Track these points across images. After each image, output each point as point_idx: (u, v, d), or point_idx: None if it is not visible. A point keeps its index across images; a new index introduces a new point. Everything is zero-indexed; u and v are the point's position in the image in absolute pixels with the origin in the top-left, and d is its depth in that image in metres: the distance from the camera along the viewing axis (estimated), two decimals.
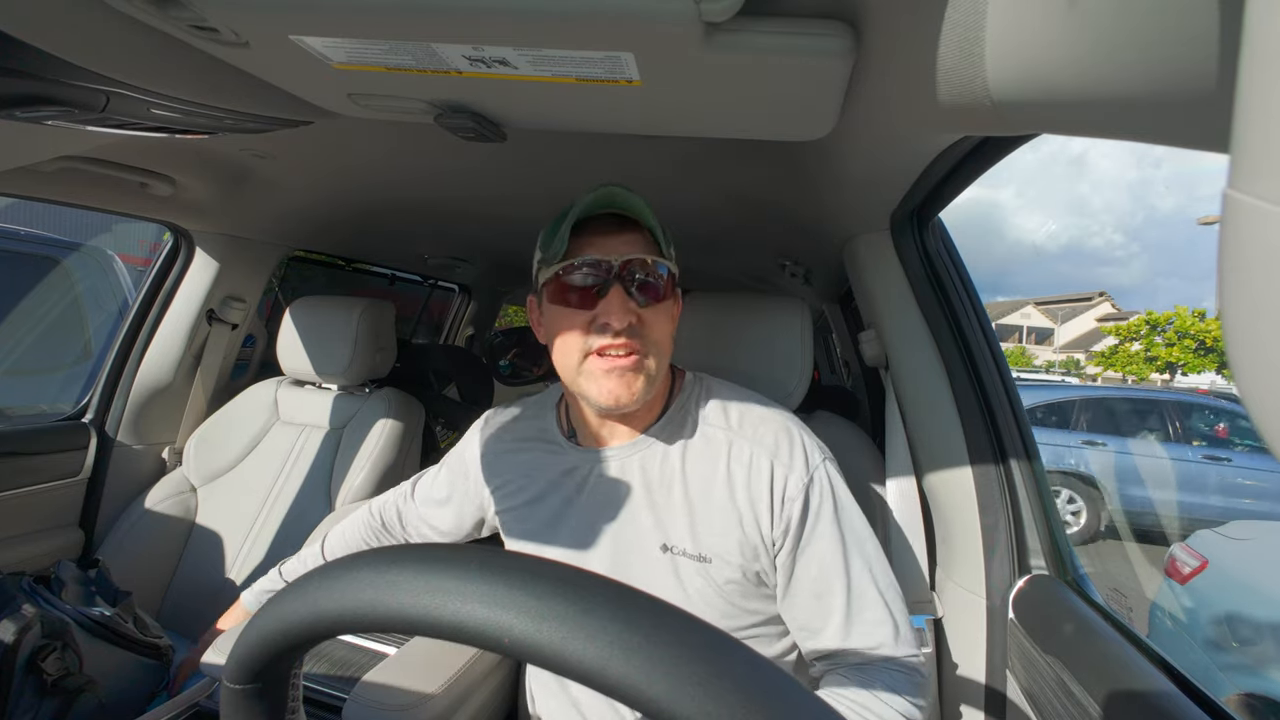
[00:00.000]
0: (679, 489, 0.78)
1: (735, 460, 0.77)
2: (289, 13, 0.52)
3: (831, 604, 0.74)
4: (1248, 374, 0.18)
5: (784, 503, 0.74)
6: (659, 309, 0.75)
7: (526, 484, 0.87)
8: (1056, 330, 40.58)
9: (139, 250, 3.78)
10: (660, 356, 0.76)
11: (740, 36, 0.52)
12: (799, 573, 0.75)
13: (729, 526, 0.75)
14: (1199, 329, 23.73)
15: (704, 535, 0.76)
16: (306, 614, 0.31)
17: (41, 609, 0.81)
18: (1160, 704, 0.60)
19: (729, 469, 0.77)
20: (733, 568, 0.75)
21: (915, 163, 0.80)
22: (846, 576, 0.74)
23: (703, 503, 0.77)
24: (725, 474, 0.77)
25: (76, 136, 0.86)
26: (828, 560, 0.74)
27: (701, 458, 0.78)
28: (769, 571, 0.77)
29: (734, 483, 0.76)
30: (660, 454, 0.80)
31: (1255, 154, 0.18)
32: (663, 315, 0.75)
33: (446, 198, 1.49)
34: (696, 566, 0.75)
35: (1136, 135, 0.38)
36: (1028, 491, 0.94)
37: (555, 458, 0.86)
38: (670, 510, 0.78)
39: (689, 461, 0.79)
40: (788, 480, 0.75)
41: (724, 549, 0.75)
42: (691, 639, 0.26)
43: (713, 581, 0.75)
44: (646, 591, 0.28)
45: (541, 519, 0.85)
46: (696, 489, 0.77)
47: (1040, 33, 0.38)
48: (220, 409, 1.68)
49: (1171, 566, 2.46)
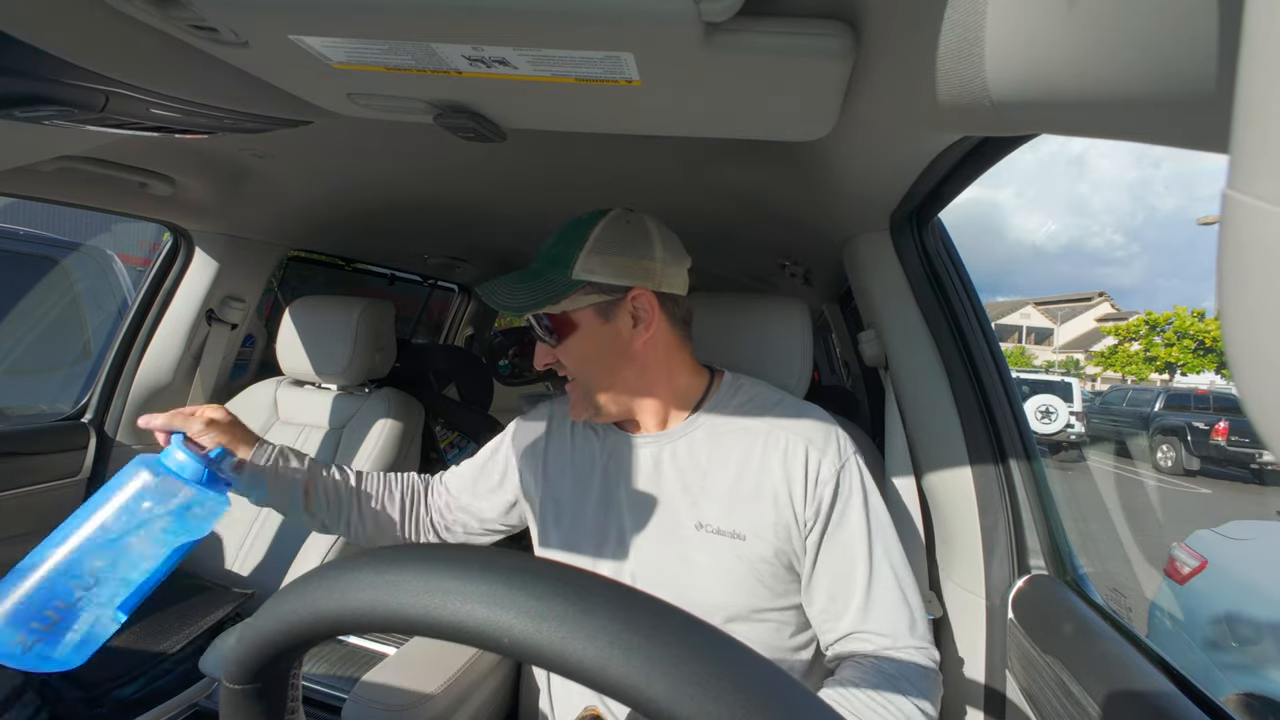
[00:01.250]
0: (716, 473, 0.83)
1: (772, 446, 0.82)
2: (288, 12, 0.52)
3: (853, 588, 0.77)
4: (1247, 374, 0.18)
5: (817, 484, 0.79)
6: (567, 345, 0.83)
7: (565, 467, 0.92)
8: (1056, 330, 40.60)
9: (138, 250, 3.77)
10: (590, 377, 0.84)
11: (740, 37, 0.52)
12: (824, 554, 0.79)
13: (764, 506, 0.80)
14: (1198, 329, 23.75)
15: (739, 514, 0.80)
16: (306, 614, 0.31)
17: None
18: (1160, 704, 0.60)
19: (764, 453, 0.82)
20: (766, 545, 0.79)
21: (915, 163, 0.80)
22: (869, 562, 0.78)
23: (739, 485, 0.81)
24: (761, 458, 0.81)
25: (76, 136, 0.86)
26: (854, 545, 0.78)
27: (738, 445, 0.83)
28: (799, 555, 0.80)
29: (770, 466, 0.81)
30: (697, 441, 0.85)
31: (1255, 154, 0.18)
32: (569, 350, 0.83)
33: (446, 198, 1.49)
34: (730, 543, 0.80)
35: (1136, 135, 0.38)
36: (1027, 491, 0.94)
37: (593, 443, 0.91)
38: (705, 492, 0.82)
39: (726, 448, 0.83)
40: (821, 464, 0.80)
41: (759, 527, 0.79)
42: (691, 639, 0.26)
43: (745, 559, 0.79)
44: (646, 592, 0.28)
45: (575, 501, 0.90)
46: (733, 472, 0.82)
47: (1040, 33, 0.38)
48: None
49: (1171, 567, 2.46)
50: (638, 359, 0.83)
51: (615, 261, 0.80)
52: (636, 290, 0.81)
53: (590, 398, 0.84)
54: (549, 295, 0.79)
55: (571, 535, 0.88)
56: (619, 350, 0.82)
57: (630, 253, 0.81)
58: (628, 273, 0.80)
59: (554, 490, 0.92)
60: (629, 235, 0.82)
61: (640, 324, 0.82)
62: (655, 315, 0.82)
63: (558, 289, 0.79)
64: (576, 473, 0.91)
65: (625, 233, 0.82)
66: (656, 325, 0.83)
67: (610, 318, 0.82)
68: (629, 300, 0.81)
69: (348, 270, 2.39)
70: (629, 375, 0.84)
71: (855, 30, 0.53)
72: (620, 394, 0.84)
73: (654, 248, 0.82)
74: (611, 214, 0.83)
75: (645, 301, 0.82)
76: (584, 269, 0.79)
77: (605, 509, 0.87)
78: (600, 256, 0.80)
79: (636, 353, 0.83)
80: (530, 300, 0.80)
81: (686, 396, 0.88)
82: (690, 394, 0.88)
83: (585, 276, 0.79)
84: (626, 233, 0.82)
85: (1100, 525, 4.84)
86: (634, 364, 0.83)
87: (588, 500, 0.89)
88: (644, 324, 0.82)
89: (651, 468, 0.86)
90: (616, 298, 0.81)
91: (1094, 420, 12.05)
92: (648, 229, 0.84)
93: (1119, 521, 5.16)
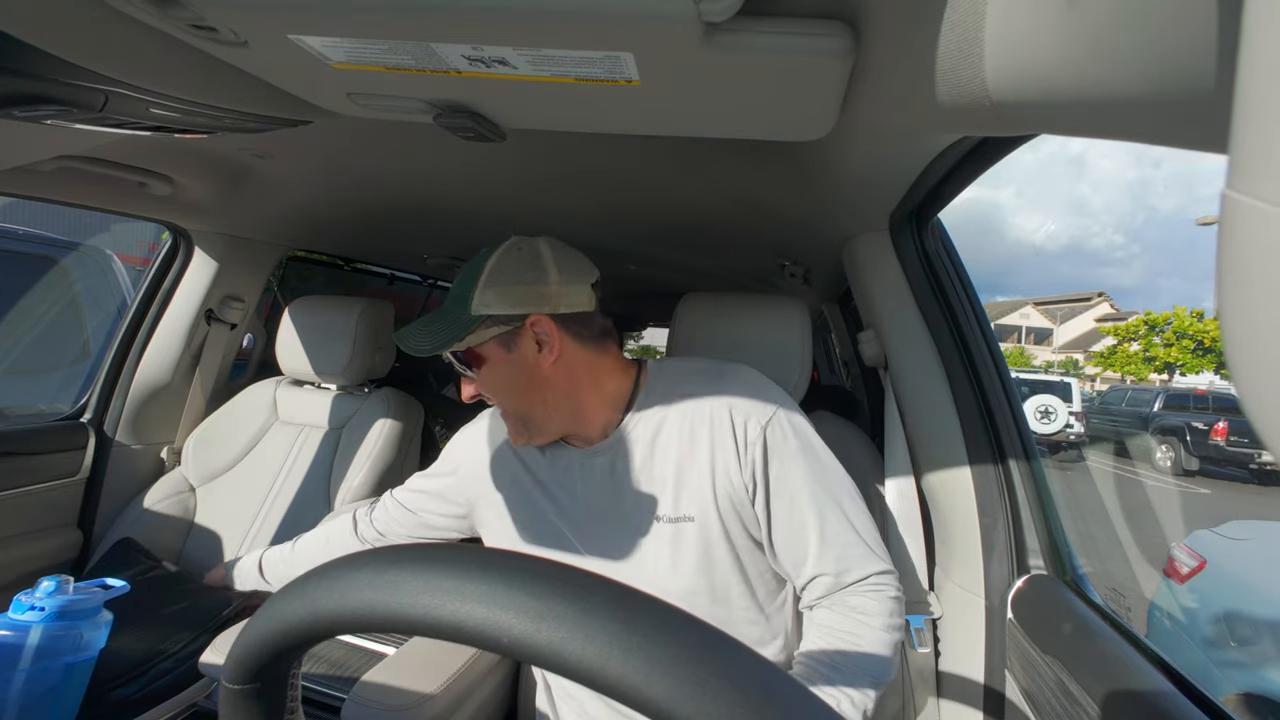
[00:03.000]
0: (660, 463, 0.85)
1: (700, 421, 0.84)
2: (288, 12, 0.52)
3: (806, 535, 0.81)
4: (1246, 374, 0.18)
5: (747, 447, 0.82)
6: (481, 377, 0.86)
7: (516, 481, 0.93)
8: (1055, 330, 40.62)
9: (137, 250, 3.77)
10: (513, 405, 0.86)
11: (740, 36, 0.52)
12: (775, 514, 0.82)
13: (704, 483, 0.82)
14: (1197, 329, 23.76)
15: (684, 497, 0.83)
16: (305, 614, 0.31)
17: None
18: (1159, 704, 0.60)
19: (694, 430, 0.84)
20: (714, 520, 0.82)
21: (914, 163, 0.80)
22: (817, 508, 0.81)
23: (681, 469, 0.84)
24: (692, 435, 0.84)
25: (75, 136, 0.85)
26: (798, 496, 0.81)
27: (675, 429, 0.85)
28: (755, 520, 0.82)
29: (700, 441, 0.83)
30: (638, 438, 0.86)
31: (1254, 154, 0.18)
32: (484, 382, 0.86)
33: (446, 198, 1.49)
34: (681, 528, 0.82)
35: (1135, 136, 0.38)
36: (1026, 491, 0.94)
37: (542, 460, 0.93)
38: (655, 485, 0.85)
39: (665, 436, 0.85)
40: (748, 425, 0.82)
41: (704, 505, 0.82)
42: (691, 639, 0.26)
43: (700, 539, 0.82)
44: (646, 592, 0.28)
45: (528, 515, 0.91)
46: (674, 458, 0.84)
47: (1039, 33, 0.38)
48: (219, 409, 1.67)
49: (1170, 566, 2.46)
50: (552, 381, 0.85)
51: (509, 291, 0.82)
52: (534, 317, 0.83)
53: (522, 423, 0.87)
54: (453, 334, 0.82)
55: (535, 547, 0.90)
56: (529, 376, 0.84)
57: (521, 280, 0.83)
58: (522, 301, 0.82)
59: (505, 507, 0.94)
60: (520, 264, 0.83)
61: (545, 348, 0.84)
62: (556, 338, 0.84)
63: (460, 326, 0.82)
64: (528, 492, 0.92)
65: (517, 261, 0.84)
66: (560, 347, 0.84)
67: (512, 347, 0.84)
68: (528, 327, 0.83)
69: (347, 270, 2.39)
70: (549, 397, 0.85)
71: (855, 30, 0.53)
72: (548, 416, 0.86)
73: (547, 272, 0.84)
74: (505, 245, 0.85)
75: (544, 326, 0.83)
76: (481, 304, 0.82)
77: (561, 524, 0.89)
78: (495, 289, 0.82)
79: (548, 376, 0.85)
80: (436, 340, 0.83)
81: (618, 399, 0.89)
82: (621, 396, 0.89)
83: (483, 311, 0.81)
84: (518, 261, 0.84)
85: (1099, 525, 4.85)
86: (549, 387, 0.85)
87: (542, 517, 0.90)
88: (548, 348, 0.84)
89: (606, 476, 0.87)
90: (515, 327, 0.83)
91: (1093, 420, 12.05)
92: (539, 254, 0.85)
93: (1118, 521, 5.17)
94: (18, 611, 0.81)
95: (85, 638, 0.83)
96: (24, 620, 0.80)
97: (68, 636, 0.81)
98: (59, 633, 0.80)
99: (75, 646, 0.82)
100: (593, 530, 0.87)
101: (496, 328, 0.82)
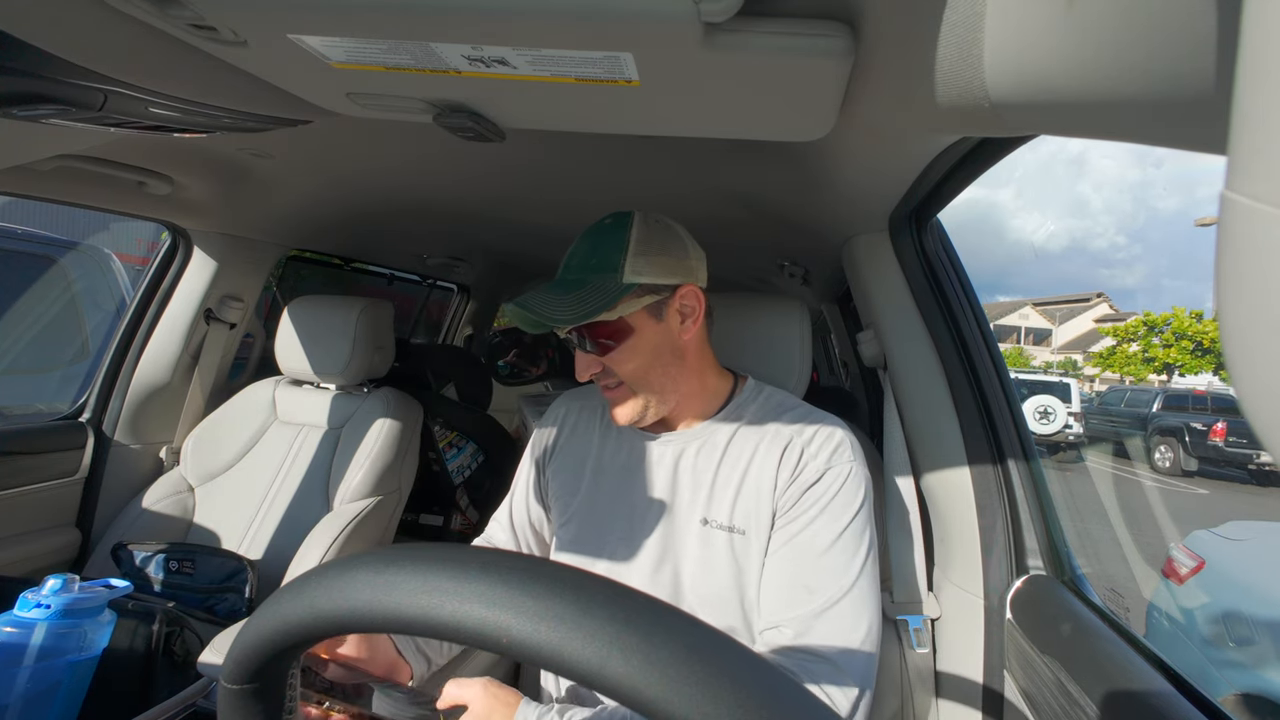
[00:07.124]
0: (726, 471, 0.84)
1: (777, 444, 0.83)
2: (287, 12, 0.52)
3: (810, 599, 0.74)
4: (1245, 374, 0.18)
5: (797, 480, 0.80)
6: (616, 353, 0.82)
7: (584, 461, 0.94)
8: (1054, 331, 40.65)
9: (137, 249, 3.77)
10: (643, 380, 0.83)
11: (739, 37, 0.52)
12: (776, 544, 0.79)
13: (766, 503, 0.81)
14: (1196, 330, 23.78)
15: (740, 510, 0.82)
16: (305, 614, 0.31)
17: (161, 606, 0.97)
18: (1157, 704, 0.60)
19: (770, 449, 0.83)
20: (765, 542, 0.80)
21: (913, 163, 0.81)
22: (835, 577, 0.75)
23: (744, 482, 0.83)
24: (765, 453, 0.83)
25: (74, 135, 0.85)
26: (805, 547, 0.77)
27: (749, 445, 0.85)
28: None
29: (771, 459, 0.82)
30: (713, 441, 0.87)
31: (1253, 155, 0.18)
32: (624, 355, 0.82)
33: (446, 198, 1.49)
34: (729, 538, 0.81)
35: (1134, 136, 0.38)
36: (1025, 492, 0.94)
37: (612, 442, 0.93)
38: (714, 488, 0.84)
39: (738, 448, 0.85)
40: (810, 464, 0.81)
41: (762, 524, 0.81)
42: (689, 639, 0.26)
43: (742, 553, 0.81)
44: (645, 592, 0.28)
45: (589, 497, 0.91)
46: (739, 470, 0.83)
47: (1038, 34, 0.38)
48: (218, 408, 1.67)
49: (1169, 567, 2.46)
50: (685, 355, 0.85)
51: (660, 261, 0.81)
52: (686, 287, 0.83)
53: (639, 401, 0.84)
54: (602, 302, 0.78)
55: (582, 531, 0.90)
56: (671, 348, 0.84)
57: (670, 252, 0.82)
58: (673, 271, 0.82)
59: (572, 486, 0.94)
60: (664, 235, 0.83)
61: (687, 319, 0.84)
62: (700, 309, 0.85)
63: (609, 295, 0.79)
64: (597, 470, 0.92)
65: (659, 232, 0.83)
66: (701, 319, 0.85)
67: (662, 317, 0.83)
68: (677, 298, 0.83)
69: (347, 270, 2.39)
70: (677, 373, 0.85)
71: (854, 31, 0.53)
72: (668, 394, 0.85)
73: (686, 245, 0.85)
74: (638, 216, 0.84)
75: (692, 298, 0.84)
76: (633, 271, 0.80)
77: (617, 505, 0.89)
78: (645, 258, 0.80)
79: (683, 348, 0.85)
80: (580, 310, 0.78)
81: (715, 397, 0.89)
82: (718, 395, 0.90)
83: (636, 279, 0.79)
84: (660, 232, 0.83)
85: (1098, 526, 4.85)
86: (683, 360, 0.85)
87: (600, 496, 0.90)
88: (691, 319, 0.84)
89: (670, 466, 0.87)
90: (665, 297, 0.82)
91: (1092, 421, 12.06)
92: (672, 227, 0.85)
93: (1117, 522, 5.18)
94: (24, 609, 0.81)
95: (89, 637, 0.83)
96: (29, 618, 0.80)
97: (72, 635, 0.81)
98: (63, 631, 0.81)
99: (79, 645, 0.82)
100: (641, 518, 0.87)
101: (649, 296, 0.81)
